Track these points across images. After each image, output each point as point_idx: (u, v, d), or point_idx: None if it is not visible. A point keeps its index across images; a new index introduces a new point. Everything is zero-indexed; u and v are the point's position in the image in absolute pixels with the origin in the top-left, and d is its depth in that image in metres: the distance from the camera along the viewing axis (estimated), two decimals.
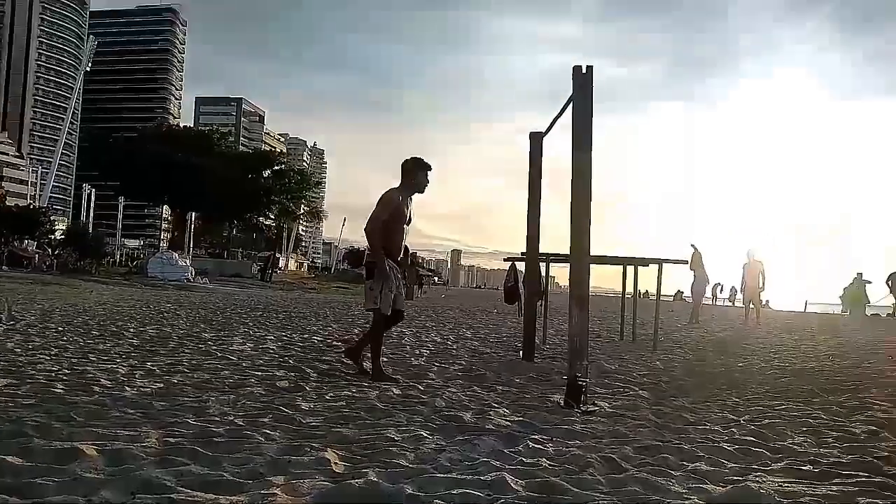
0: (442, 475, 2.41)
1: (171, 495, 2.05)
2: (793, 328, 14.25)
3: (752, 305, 15.65)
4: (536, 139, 6.77)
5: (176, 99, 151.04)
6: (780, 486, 2.46)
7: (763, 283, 15.19)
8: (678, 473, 2.59)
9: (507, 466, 2.56)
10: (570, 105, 4.63)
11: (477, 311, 17.24)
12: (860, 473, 2.68)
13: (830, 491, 2.42)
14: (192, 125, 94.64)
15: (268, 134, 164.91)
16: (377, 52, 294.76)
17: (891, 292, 21.55)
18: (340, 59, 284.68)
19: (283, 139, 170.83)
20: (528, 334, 6.95)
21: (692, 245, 14.86)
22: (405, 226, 5.15)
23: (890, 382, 5.72)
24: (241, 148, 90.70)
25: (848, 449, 3.15)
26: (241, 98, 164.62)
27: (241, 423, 3.14)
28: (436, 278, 37.98)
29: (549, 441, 3.05)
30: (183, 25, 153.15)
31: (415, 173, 5.13)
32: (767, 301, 24.50)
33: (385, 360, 6.09)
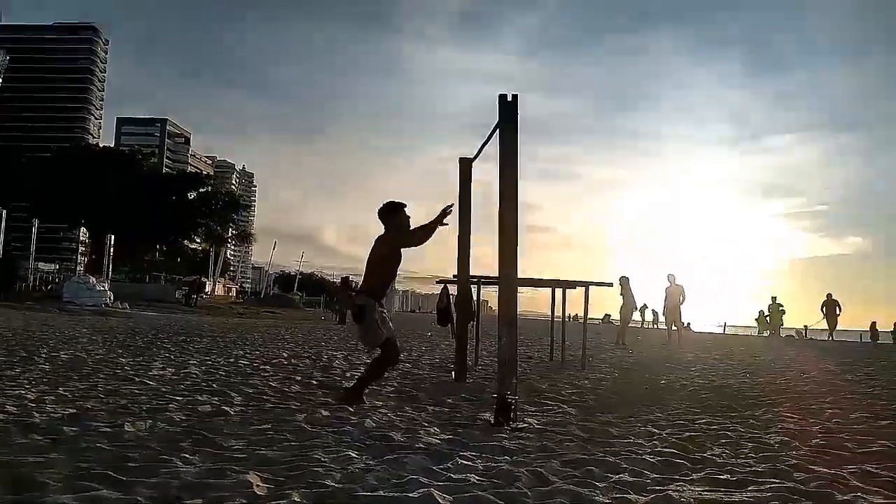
0: (369, 493, 2.37)
1: None
2: (712, 348, 14.83)
3: (674, 327, 16.24)
4: (466, 164, 6.91)
5: (96, 119, 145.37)
6: (700, 494, 2.54)
7: (682, 306, 15.86)
8: (603, 485, 2.63)
9: (435, 483, 2.54)
10: (497, 132, 4.74)
11: (410, 335, 17.15)
12: (773, 480, 2.80)
13: (745, 497, 2.52)
14: (113, 146, 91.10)
15: (194, 156, 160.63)
16: (309, 78, 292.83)
17: (824, 317, 22.79)
18: (271, 83, 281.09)
19: (210, 161, 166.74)
20: (459, 355, 6.97)
21: (622, 276, 15.42)
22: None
23: (801, 397, 6.03)
24: (166, 170, 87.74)
25: (762, 458, 3.28)
26: (166, 119, 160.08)
27: (158, 448, 2.99)
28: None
29: (479, 457, 3.05)
30: (105, 44, 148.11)
31: (398, 213, 5.09)
32: (689, 323, 25.53)
33: (316, 382, 5.99)
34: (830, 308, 22.54)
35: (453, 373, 6.94)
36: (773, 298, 25.16)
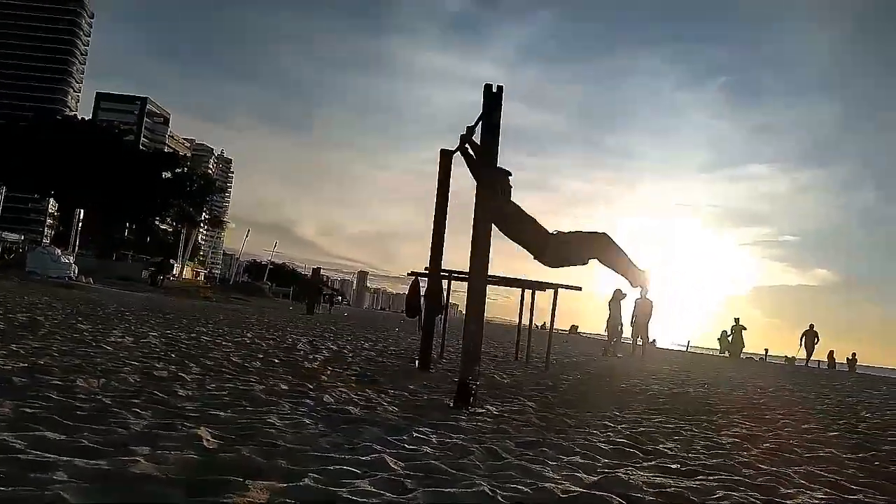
0: (320, 454, 2.35)
1: (20, 455, 1.88)
2: (674, 362, 15.05)
3: (639, 341, 16.39)
4: (446, 156, 6.88)
5: (75, 92, 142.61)
6: (649, 478, 2.57)
7: (650, 320, 16.02)
8: (554, 464, 2.65)
9: (387, 451, 2.53)
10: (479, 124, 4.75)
11: (378, 328, 17.10)
12: (721, 473, 2.84)
13: (692, 484, 2.55)
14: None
15: (172, 137, 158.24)
16: (297, 67, 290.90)
17: (803, 346, 24.45)
18: (258, 68, 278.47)
19: (188, 144, 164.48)
20: (425, 345, 6.95)
21: (616, 289, 15.57)
22: None
23: (756, 408, 6.14)
24: (142, 149, 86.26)
25: (713, 455, 3.33)
26: (147, 98, 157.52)
27: (108, 402, 2.94)
28: (339, 297, 37.37)
29: (434, 433, 3.05)
30: (90, 17, 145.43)
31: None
32: (654, 340, 25.88)
33: (277, 361, 5.93)
34: (810, 338, 24.17)
35: (416, 362, 6.93)
36: (737, 320, 25.56)
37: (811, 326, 24.72)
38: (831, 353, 29.89)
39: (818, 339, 24.39)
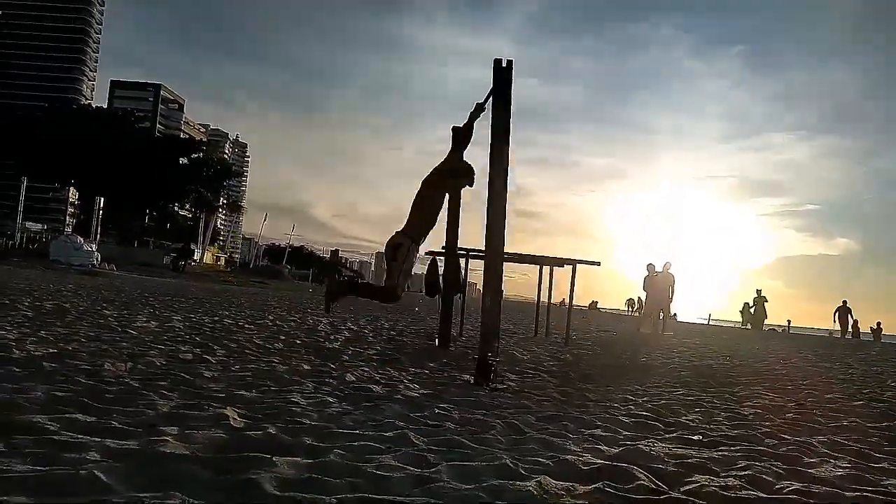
0: (344, 431, 2.39)
1: (54, 437, 1.93)
2: (695, 335, 14.98)
3: (661, 315, 16.25)
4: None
5: (90, 80, 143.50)
6: (670, 449, 2.58)
7: (672, 295, 15.84)
8: (576, 436, 2.67)
9: (410, 427, 2.57)
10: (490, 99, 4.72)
11: (398, 308, 17.19)
12: (743, 443, 2.85)
13: (714, 455, 2.56)
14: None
15: (187, 123, 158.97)
16: (308, 50, 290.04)
17: (838, 322, 25.43)
18: (270, 55, 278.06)
19: (203, 129, 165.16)
20: (444, 324, 7.00)
21: (648, 264, 15.49)
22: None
23: (778, 378, 6.11)
24: (158, 135, 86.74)
25: (735, 426, 3.33)
26: (161, 84, 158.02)
27: (135, 385, 3.00)
28: (358, 280, 37.70)
29: (455, 409, 3.08)
30: (101, 5, 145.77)
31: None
32: (675, 314, 25.73)
33: (300, 342, 5.99)
34: (843, 314, 25.16)
35: (436, 339, 6.97)
36: (758, 291, 25.36)
37: (844, 303, 25.33)
38: (855, 322, 29.60)
39: (852, 315, 25.17)
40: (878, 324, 29.22)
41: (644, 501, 1.78)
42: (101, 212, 39.08)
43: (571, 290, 9.67)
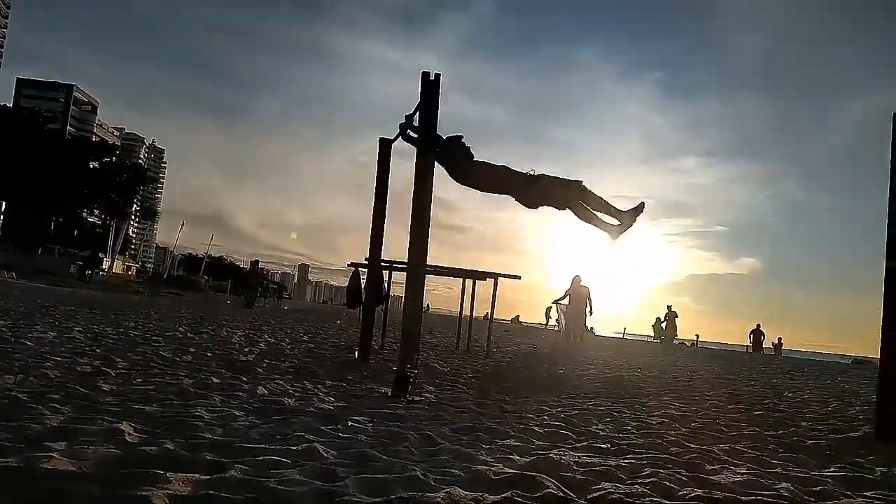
0: (249, 446, 2.29)
1: None
2: (610, 349, 15.42)
3: (575, 329, 16.59)
4: (386, 144, 6.81)
5: None
6: (580, 458, 2.62)
7: (590, 308, 16.13)
8: (489, 448, 2.66)
9: (320, 440, 2.49)
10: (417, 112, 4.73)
11: (319, 321, 16.87)
12: (649, 451, 2.92)
13: (622, 463, 2.61)
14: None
15: (100, 125, 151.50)
16: (230, 55, 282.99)
17: (751, 343, 27.92)
18: (190, 55, 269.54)
19: (118, 133, 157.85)
20: (365, 336, 6.90)
21: (576, 276, 15.59)
22: None
23: (685, 390, 6.36)
24: (69, 138, 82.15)
25: (643, 434, 3.43)
26: (73, 84, 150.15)
27: (24, 398, 2.79)
28: (285, 292, 36.64)
29: (370, 422, 3.02)
30: (6, 4, 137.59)
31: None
32: (592, 328, 26.47)
33: (210, 355, 5.76)
34: (756, 335, 27.70)
35: (356, 353, 6.87)
36: (669, 307, 26.41)
37: (758, 326, 27.92)
38: (757, 336, 31.33)
39: (764, 336, 27.93)
40: (779, 339, 31.00)
41: None
42: (1, 217, 36.56)
43: (493, 304, 9.76)
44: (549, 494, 1.93)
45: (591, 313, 16.04)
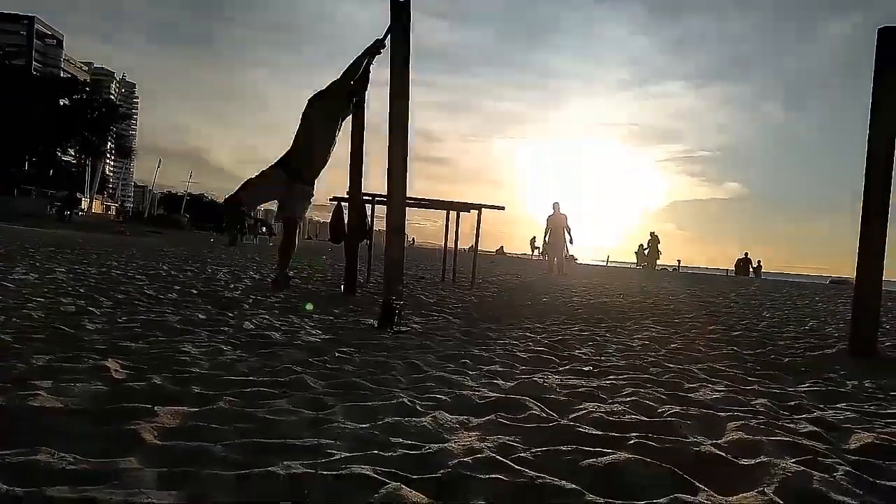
0: (236, 378, 2.32)
1: None
2: (593, 276, 15.63)
3: (558, 258, 16.73)
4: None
5: None
6: (562, 380, 2.68)
7: (569, 236, 16.19)
8: (474, 373, 2.72)
9: (308, 371, 2.52)
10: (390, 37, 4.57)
11: (304, 256, 16.86)
12: (630, 372, 3.00)
13: (603, 384, 2.68)
14: None
15: (68, 61, 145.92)
16: None
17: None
18: None
19: (86, 68, 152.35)
20: (350, 269, 6.91)
21: (554, 203, 15.49)
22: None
23: (666, 314, 6.49)
24: (35, 74, 79.21)
25: (624, 356, 3.51)
26: (34, 16, 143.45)
27: (8, 339, 2.78)
28: (263, 228, 36.52)
29: (357, 352, 3.06)
30: None
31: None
32: (573, 256, 26.73)
33: (196, 292, 5.75)
34: (745, 265, 29.46)
35: (342, 286, 6.90)
36: (652, 234, 26.77)
37: (746, 254, 29.53)
38: (746, 264, 31.98)
39: (752, 265, 29.38)
40: (759, 262, 31.63)
41: (534, 429, 1.83)
42: None
43: (477, 235, 9.80)
44: (532, 415, 1.98)
45: (571, 241, 16.16)
